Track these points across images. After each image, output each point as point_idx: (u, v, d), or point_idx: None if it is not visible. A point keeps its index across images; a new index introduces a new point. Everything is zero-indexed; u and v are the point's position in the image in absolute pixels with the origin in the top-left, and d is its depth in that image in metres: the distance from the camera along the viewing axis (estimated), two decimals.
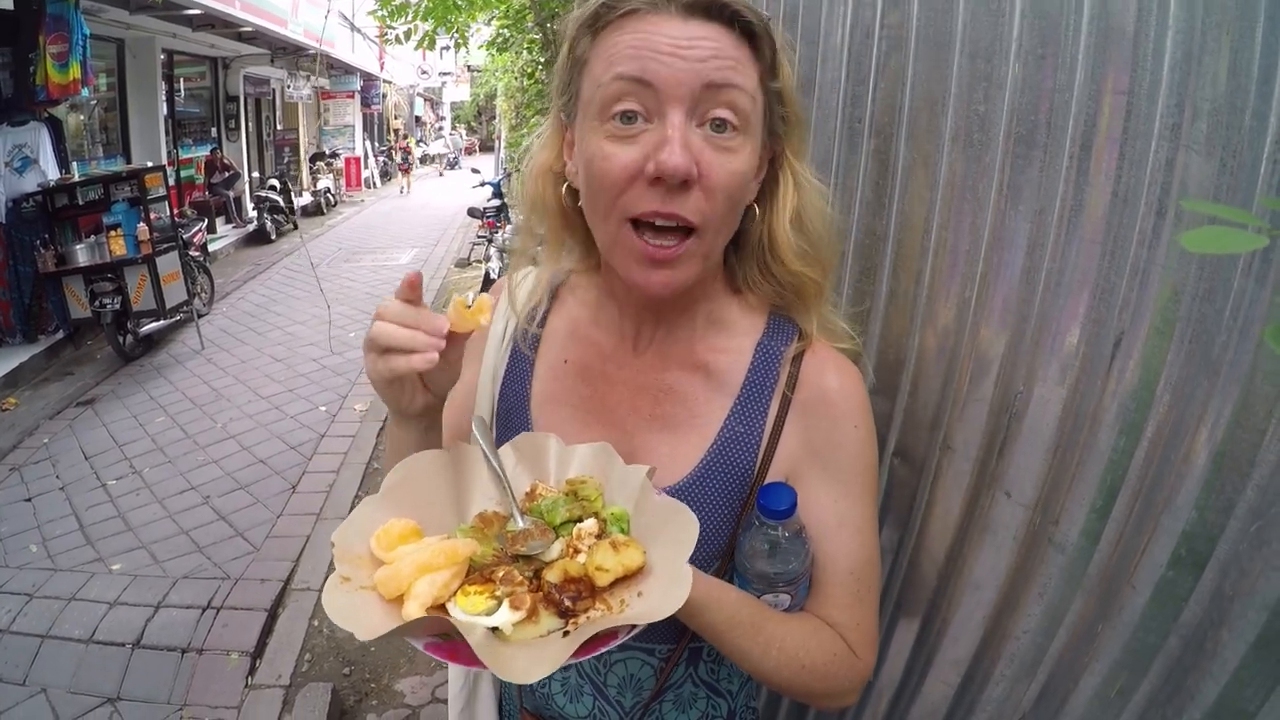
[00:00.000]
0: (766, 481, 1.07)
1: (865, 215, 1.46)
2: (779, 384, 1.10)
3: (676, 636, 1.14)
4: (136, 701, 3.45)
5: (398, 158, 26.75)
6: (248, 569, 4.35)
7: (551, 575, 0.87)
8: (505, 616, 0.83)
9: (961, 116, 1.21)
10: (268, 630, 3.91)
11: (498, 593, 0.85)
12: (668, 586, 0.83)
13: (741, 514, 1.07)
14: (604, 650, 0.80)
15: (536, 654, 0.80)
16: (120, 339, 7.79)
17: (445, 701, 3.40)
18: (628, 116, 0.92)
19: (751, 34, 0.95)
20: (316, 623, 3.98)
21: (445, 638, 0.84)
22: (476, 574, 0.89)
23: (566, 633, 0.83)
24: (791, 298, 1.12)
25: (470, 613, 0.83)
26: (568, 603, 0.85)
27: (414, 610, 0.83)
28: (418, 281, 0.91)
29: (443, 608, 0.85)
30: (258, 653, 3.75)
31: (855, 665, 1.06)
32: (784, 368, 1.10)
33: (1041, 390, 1.12)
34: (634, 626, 0.81)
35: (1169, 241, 0.92)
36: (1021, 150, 1.11)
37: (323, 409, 6.68)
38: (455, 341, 0.94)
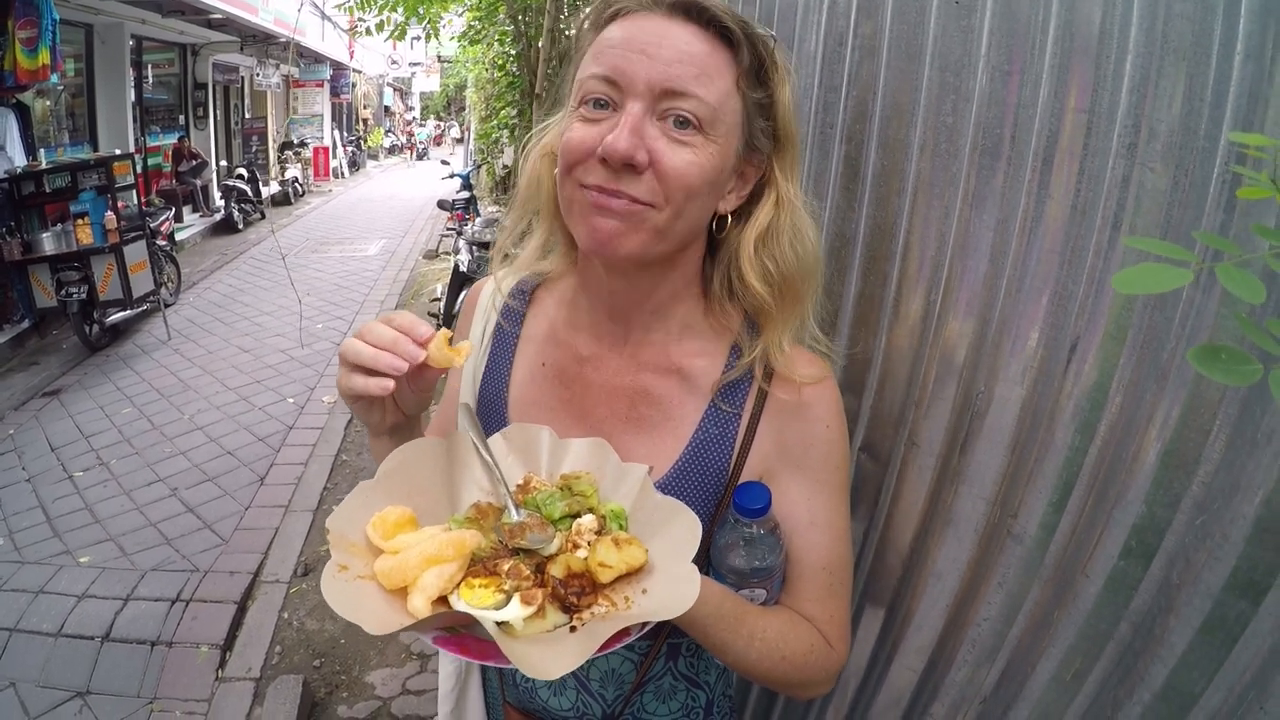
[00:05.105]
0: (741, 481, 1.10)
1: (835, 219, 1.49)
2: (752, 386, 1.12)
3: (655, 632, 1.17)
4: (107, 695, 3.43)
5: (403, 139, 36.32)
6: (216, 561, 4.32)
7: (555, 570, 0.88)
8: (516, 611, 0.84)
9: (930, 127, 1.26)
10: (237, 623, 3.90)
11: (505, 586, 0.86)
12: (674, 584, 0.85)
13: (717, 513, 1.10)
14: (618, 647, 0.81)
15: (552, 649, 0.81)
16: (86, 329, 7.67)
17: (416, 693, 3.45)
18: (599, 103, 0.98)
19: (729, 39, 0.99)
20: (286, 615, 3.98)
21: (452, 630, 0.85)
22: (479, 565, 0.90)
23: (573, 628, 0.84)
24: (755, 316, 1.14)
25: (477, 606, 0.84)
26: (572, 598, 0.86)
27: (420, 602, 0.83)
28: (426, 341, 0.94)
29: (445, 600, 0.86)
30: (228, 645, 3.75)
31: (830, 656, 1.10)
32: (757, 370, 1.12)
33: (1002, 390, 1.17)
34: (645, 624, 0.82)
35: (1123, 252, 0.98)
36: (986, 161, 1.16)
37: (290, 400, 6.64)
38: (428, 373, 0.97)
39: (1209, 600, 0.91)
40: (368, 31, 8.07)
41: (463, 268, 7.10)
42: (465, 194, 10.22)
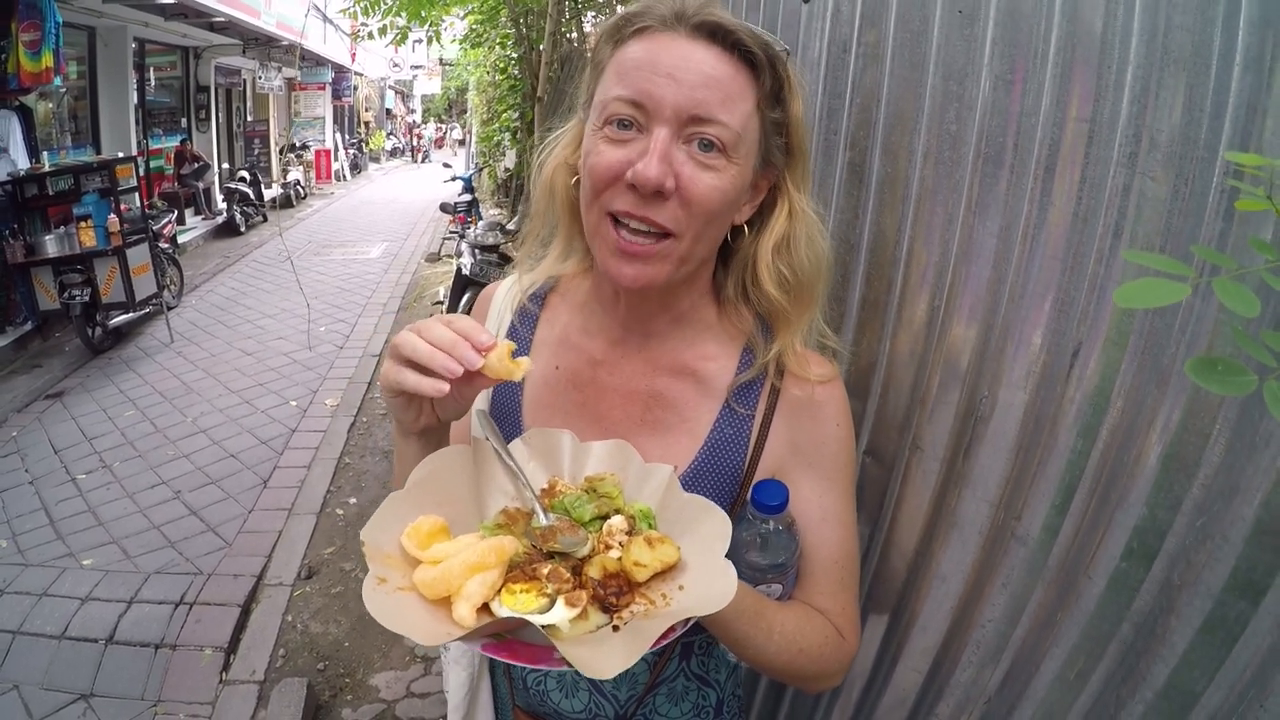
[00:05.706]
0: (755, 479, 1.11)
1: (840, 225, 1.51)
2: (765, 386, 1.14)
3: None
4: (110, 698, 3.43)
5: (409, 140, 37.19)
6: (220, 564, 4.33)
7: (593, 571, 0.89)
8: (562, 614, 0.85)
9: (934, 134, 1.27)
10: (241, 626, 3.90)
11: (548, 590, 0.87)
12: (710, 580, 0.85)
13: (732, 511, 1.11)
14: (665, 643, 0.82)
15: (601, 649, 0.81)
16: (89, 331, 7.66)
17: (420, 696, 3.45)
18: (624, 123, 0.99)
19: (751, 62, 1.00)
20: (290, 618, 3.98)
21: (498, 637, 0.86)
22: (516, 570, 0.90)
23: (615, 627, 0.85)
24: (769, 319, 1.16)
25: (522, 611, 0.85)
26: (611, 598, 0.87)
27: (465, 610, 0.84)
28: (487, 349, 0.92)
29: (487, 606, 0.86)
30: (231, 648, 3.74)
31: (843, 647, 1.13)
32: (769, 372, 1.14)
33: (1005, 394, 1.18)
34: (689, 620, 0.83)
35: (1124, 260, 0.99)
36: (989, 169, 1.18)
37: (293, 403, 6.64)
38: (479, 381, 0.95)
39: (1209, 600, 0.92)
40: (370, 36, 8.09)
41: (465, 270, 7.11)
42: (467, 197, 10.23)
